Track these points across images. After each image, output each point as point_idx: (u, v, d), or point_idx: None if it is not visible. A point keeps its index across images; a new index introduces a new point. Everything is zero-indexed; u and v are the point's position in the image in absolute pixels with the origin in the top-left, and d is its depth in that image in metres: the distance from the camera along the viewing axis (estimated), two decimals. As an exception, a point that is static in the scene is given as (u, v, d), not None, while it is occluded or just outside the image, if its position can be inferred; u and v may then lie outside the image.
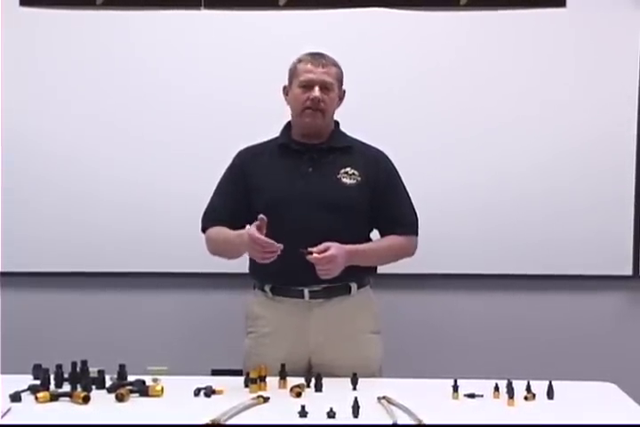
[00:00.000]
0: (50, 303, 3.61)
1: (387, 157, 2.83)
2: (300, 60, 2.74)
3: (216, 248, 2.78)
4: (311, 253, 2.51)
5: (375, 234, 2.84)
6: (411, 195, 2.83)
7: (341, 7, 3.51)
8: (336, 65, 2.74)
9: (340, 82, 2.76)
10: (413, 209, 2.83)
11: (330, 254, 2.51)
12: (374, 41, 3.54)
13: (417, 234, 2.82)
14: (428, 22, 3.53)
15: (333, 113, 2.78)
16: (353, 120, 2.85)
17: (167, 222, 3.55)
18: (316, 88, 2.67)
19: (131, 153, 3.56)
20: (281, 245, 2.45)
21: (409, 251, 2.83)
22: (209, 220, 2.79)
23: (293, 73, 2.75)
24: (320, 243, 2.54)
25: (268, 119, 2.84)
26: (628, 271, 3.59)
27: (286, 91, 2.79)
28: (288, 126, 2.83)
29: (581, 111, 3.55)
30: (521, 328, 3.62)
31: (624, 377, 2.53)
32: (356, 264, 2.64)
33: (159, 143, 3.56)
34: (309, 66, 2.70)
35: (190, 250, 3.35)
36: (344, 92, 2.80)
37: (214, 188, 2.84)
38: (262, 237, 2.45)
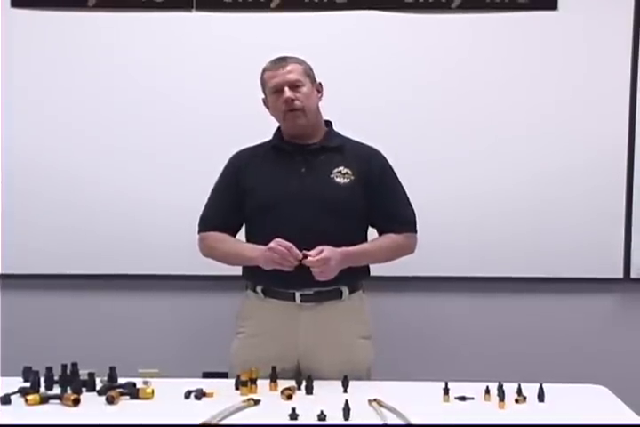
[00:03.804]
0: (38, 305, 3.60)
1: (380, 155, 2.83)
2: (264, 70, 2.77)
3: (212, 257, 2.81)
4: (306, 256, 2.52)
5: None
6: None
7: (333, 10, 3.51)
8: (299, 62, 2.76)
9: (310, 76, 2.77)
10: (410, 206, 2.82)
11: (324, 256, 2.52)
12: (367, 44, 3.53)
13: (415, 231, 2.82)
14: (420, 25, 3.52)
15: (317, 107, 2.78)
16: (345, 123, 2.85)
17: (160, 225, 3.54)
18: (286, 89, 2.69)
19: (126, 157, 3.54)
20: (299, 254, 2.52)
21: (408, 249, 2.82)
22: (204, 226, 2.82)
23: (263, 84, 2.78)
24: (314, 243, 2.55)
25: (261, 122, 2.83)
26: (620, 274, 3.60)
27: (266, 103, 2.81)
28: (280, 129, 2.83)
29: (572, 116, 3.55)
30: (513, 331, 3.62)
31: (615, 380, 2.53)
32: (353, 265, 2.64)
33: (154, 147, 3.54)
34: (272, 72, 2.73)
35: (182, 252, 3.35)
36: (320, 84, 2.81)
37: (211, 190, 2.85)
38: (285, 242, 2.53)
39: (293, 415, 2.09)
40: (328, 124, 2.85)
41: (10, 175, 3.52)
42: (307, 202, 2.67)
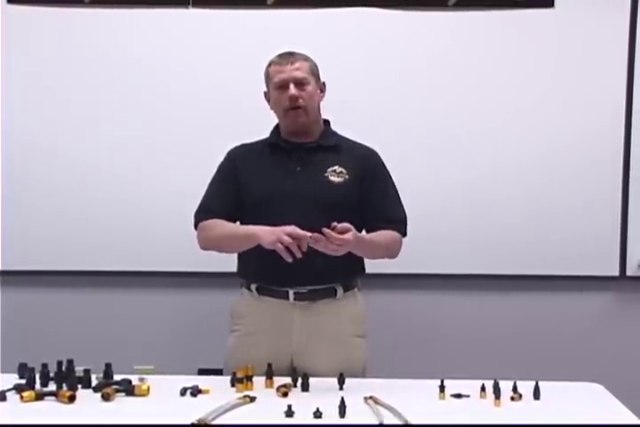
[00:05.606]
0: (32, 302, 3.60)
1: (376, 155, 2.82)
2: (270, 64, 2.74)
3: (212, 240, 2.74)
4: (334, 227, 2.42)
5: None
6: (400, 194, 2.82)
7: (329, 6, 3.51)
8: (307, 59, 2.74)
9: (315, 75, 2.75)
10: (402, 208, 2.81)
11: (346, 239, 2.43)
12: (362, 40, 3.53)
13: (405, 234, 2.80)
14: (416, 22, 3.52)
15: (318, 107, 2.78)
16: (341, 119, 2.85)
17: (156, 222, 3.54)
18: (291, 86, 2.67)
19: (125, 152, 3.55)
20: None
21: (395, 249, 2.78)
22: (204, 213, 2.77)
23: (267, 77, 2.75)
24: None
25: (259, 118, 2.83)
26: (615, 272, 3.60)
27: (267, 96, 2.79)
28: (278, 126, 2.83)
29: (569, 112, 3.56)
30: (508, 328, 3.62)
31: (611, 378, 2.52)
32: (356, 253, 2.59)
33: (154, 143, 3.55)
34: (279, 66, 2.70)
35: (178, 249, 3.37)
36: (323, 83, 2.80)
37: (207, 185, 2.83)
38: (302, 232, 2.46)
39: (289, 413, 2.09)
40: (326, 122, 2.84)
41: (9, 173, 3.52)
42: (300, 200, 2.66)
